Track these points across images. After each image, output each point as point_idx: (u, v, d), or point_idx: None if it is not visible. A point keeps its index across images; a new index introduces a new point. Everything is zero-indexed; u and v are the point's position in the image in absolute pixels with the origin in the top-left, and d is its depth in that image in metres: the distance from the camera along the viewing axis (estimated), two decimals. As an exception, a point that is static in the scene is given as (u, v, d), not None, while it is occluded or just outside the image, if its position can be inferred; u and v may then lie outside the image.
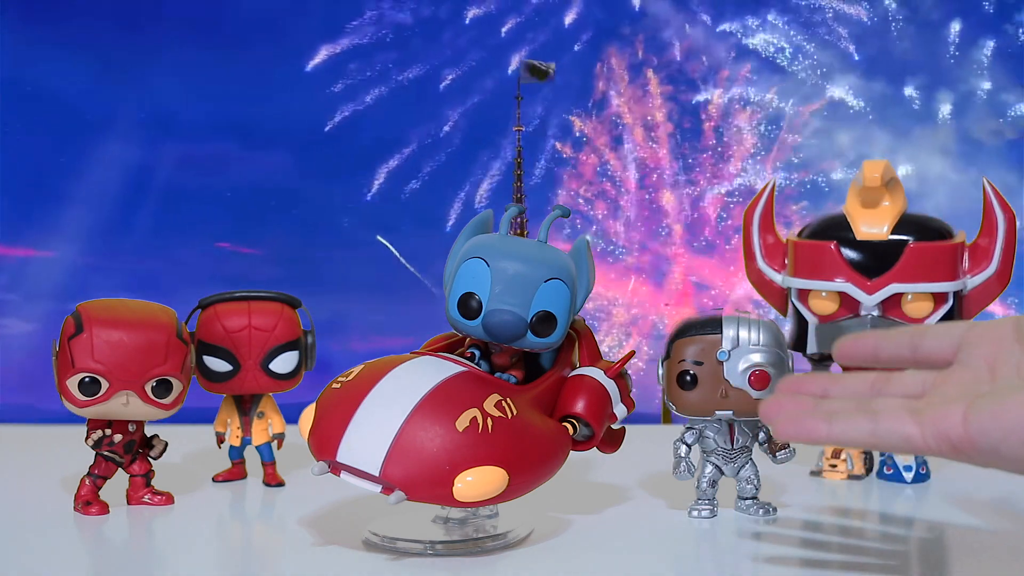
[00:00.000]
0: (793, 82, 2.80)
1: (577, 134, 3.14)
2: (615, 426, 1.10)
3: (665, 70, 2.99)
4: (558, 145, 3.11)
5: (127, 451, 1.16)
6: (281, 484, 1.28)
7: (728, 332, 1.10)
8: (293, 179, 3.00)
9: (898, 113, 2.68)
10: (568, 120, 3.14)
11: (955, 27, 2.57)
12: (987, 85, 2.53)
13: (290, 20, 3.02)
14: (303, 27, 3.02)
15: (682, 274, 2.99)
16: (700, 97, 2.86)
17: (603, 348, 1.14)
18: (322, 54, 3.02)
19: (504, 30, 2.99)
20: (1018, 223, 1.29)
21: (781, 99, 2.77)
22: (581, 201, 3.07)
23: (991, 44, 2.54)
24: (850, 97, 2.67)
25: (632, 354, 1.11)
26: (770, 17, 2.75)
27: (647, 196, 3.01)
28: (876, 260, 1.26)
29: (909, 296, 1.26)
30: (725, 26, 2.87)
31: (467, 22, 3.01)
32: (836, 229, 1.29)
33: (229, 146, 2.97)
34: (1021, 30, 2.40)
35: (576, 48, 3.07)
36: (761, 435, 1.14)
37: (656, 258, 3.04)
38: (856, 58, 2.75)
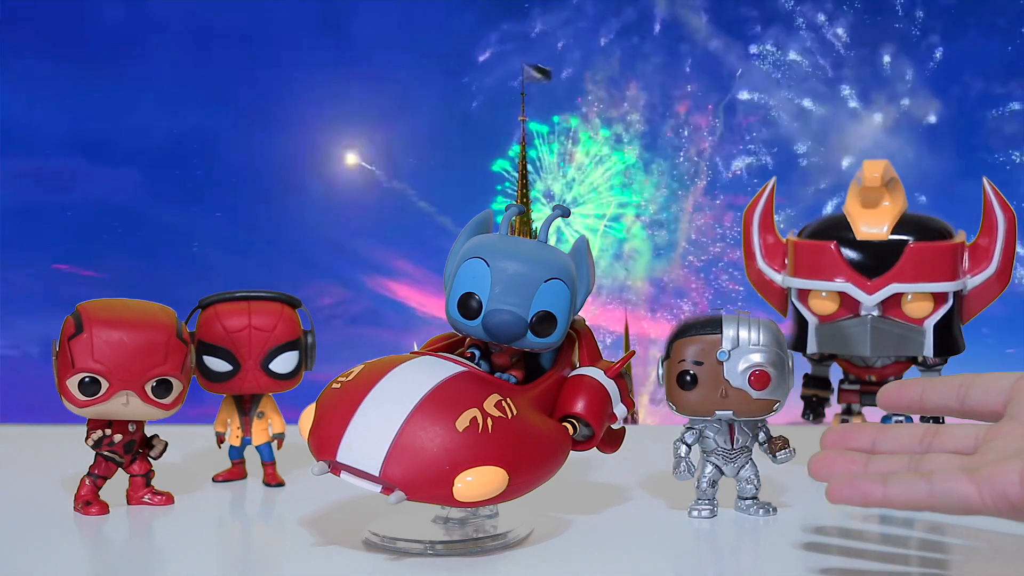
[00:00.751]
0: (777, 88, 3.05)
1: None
2: (615, 426, 1.10)
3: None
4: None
5: (127, 451, 1.16)
6: (281, 484, 1.28)
7: (728, 332, 1.10)
8: (142, 199, 2.87)
9: (847, 113, 3.11)
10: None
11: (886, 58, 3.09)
12: (907, 101, 3.08)
13: (154, 36, 2.91)
14: (168, 42, 2.93)
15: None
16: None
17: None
18: (188, 69, 2.93)
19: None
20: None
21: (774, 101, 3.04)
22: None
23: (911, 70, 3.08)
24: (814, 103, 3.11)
25: (632, 354, 1.11)
26: (768, 46, 3.00)
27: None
28: (876, 260, 1.26)
29: (909, 296, 1.26)
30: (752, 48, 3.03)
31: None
32: (836, 229, 1.29)
33: (77, 162, 2.81)
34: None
35: (612, 61, 3.10)
36: (761, 435, 1.14)
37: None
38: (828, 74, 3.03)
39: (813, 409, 1.37)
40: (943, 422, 1.30)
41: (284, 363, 1.26)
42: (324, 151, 3.02)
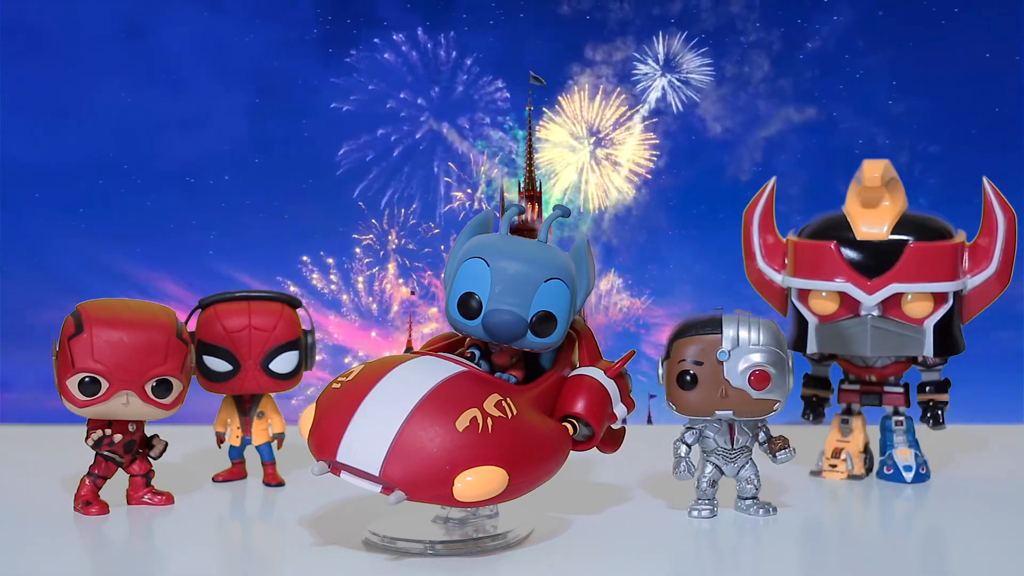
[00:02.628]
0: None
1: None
2: (615, 426, 1.10)
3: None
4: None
5: (127, 451, 1.16)
6: (281, 484, 1.28)
7: (728, 332, 1.10)
8: None
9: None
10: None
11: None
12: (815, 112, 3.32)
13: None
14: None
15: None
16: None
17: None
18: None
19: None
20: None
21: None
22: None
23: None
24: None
25: (632, 354, 1.11)
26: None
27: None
28: (876, 260, 1.26)
29: (909, 296, 1.26)
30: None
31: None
32: (836, 229, 1.29)
33: None
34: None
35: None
36: (761, 435, 1.14)
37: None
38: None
39: (813, 409, 1.37)
40: (942, 423, 1.31)
41: (284, 363, 1.26)
42: (92, 161, 2.94)
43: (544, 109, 3.30)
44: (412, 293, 3.27)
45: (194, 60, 2.97)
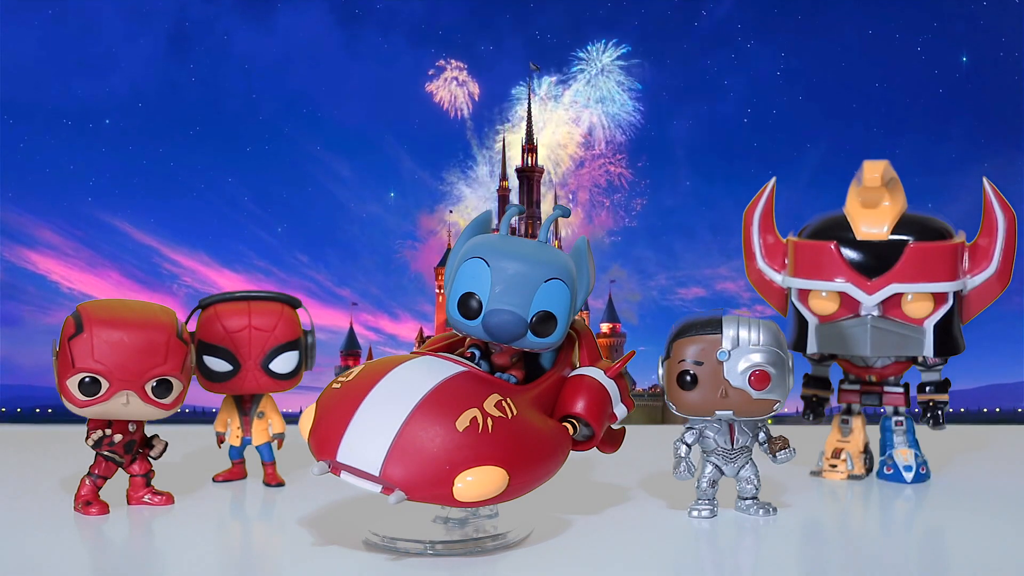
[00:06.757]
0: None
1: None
2: (615, 426, 1.10)
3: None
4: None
5: (127, 451, 1.17)
6: (281, 484, 1.28)
7: (728, 332, 1.10)
8: None
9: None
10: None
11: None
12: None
13: None
14: None
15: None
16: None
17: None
18: None
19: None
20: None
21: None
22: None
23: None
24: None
25: (632, 354, 1.11)
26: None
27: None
28: (876, 260, 1.26)
29: (909, 296, 1.26)
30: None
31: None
32: (836, 229, 1.29)
33: None
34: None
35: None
36: (761, 435, 1.14)
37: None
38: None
39: (813, 409, 1.37)
40: (942, 423, 1.31)
41: (284, 363, 1.26)
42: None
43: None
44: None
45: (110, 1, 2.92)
